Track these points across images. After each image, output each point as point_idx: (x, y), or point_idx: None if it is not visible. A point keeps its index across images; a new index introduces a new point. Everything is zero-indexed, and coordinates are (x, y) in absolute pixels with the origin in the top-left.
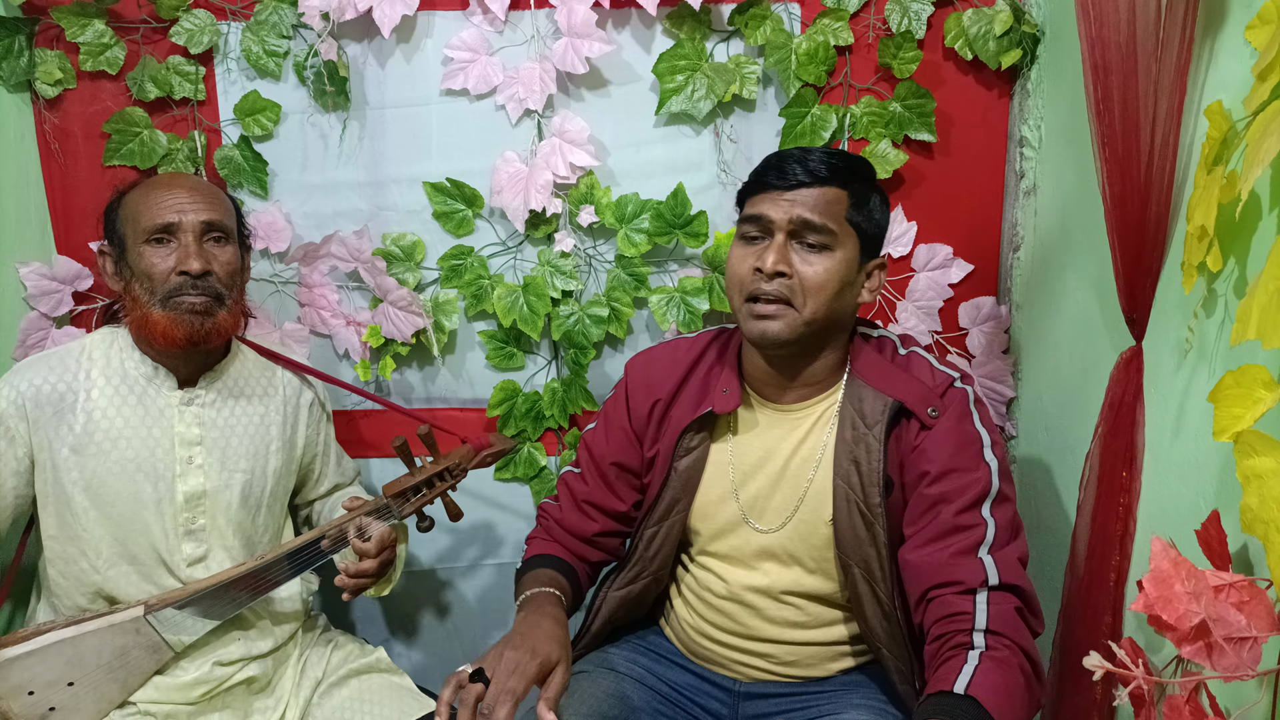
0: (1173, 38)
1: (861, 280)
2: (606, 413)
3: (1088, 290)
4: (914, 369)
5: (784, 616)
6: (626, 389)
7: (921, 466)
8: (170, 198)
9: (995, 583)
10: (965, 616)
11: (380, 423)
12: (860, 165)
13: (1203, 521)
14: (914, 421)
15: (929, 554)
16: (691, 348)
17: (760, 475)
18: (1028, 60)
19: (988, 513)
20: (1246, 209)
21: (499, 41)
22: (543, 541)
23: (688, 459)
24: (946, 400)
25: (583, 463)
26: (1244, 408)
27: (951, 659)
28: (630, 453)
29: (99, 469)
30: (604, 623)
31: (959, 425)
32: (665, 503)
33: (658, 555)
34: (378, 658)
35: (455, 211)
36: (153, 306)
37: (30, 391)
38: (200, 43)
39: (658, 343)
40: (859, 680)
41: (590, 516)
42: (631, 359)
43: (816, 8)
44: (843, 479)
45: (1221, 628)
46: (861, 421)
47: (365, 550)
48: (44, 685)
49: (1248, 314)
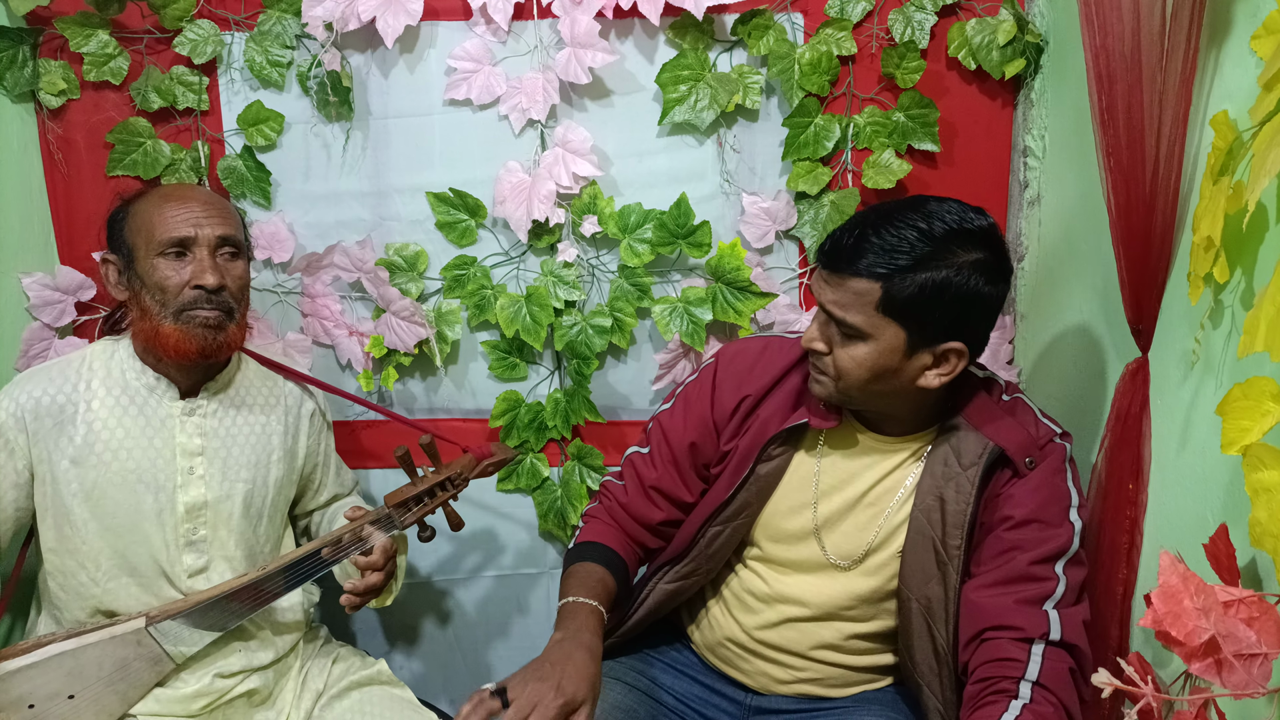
0: (1178, 47)
1: (920, 365)
2: (687, 396)
3: (1093, 301)
4: (1019, 416)
5: (820, 637)
6: (715, 377)
7: (1006, 511)
8: (185, 211)
9: (1056, 638)
10: (1016, 664)
11: (383, 433)
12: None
13: (1210, 535)
14: (1008, 469)
15: (994, 595)
16: (791, 350)
17: (838, 497)
18: (1031, 70)
19: (1061, 570)
20: (1253, 220)
21: (502, 52)
22: (602, 525)
23: (770, 465)
24: (1045, 452)
25: (653, 443)
26: (1252, 420)
27: (992, 704)
28: (707, 441)
29: (99, 480)
30: (648, 612)
31: (1052, 479)
32: (738, 504)
33: (717, 554)
34: (379, 669)
35: (458, 221)
36: (164, 319)
37: (30, 403)
38: (204, 53)
39: (753, 335)
40: (871, 697)
41: (656, 504)
42: (725, 347)
43: (820, 17)
44: (924, 514)
45: (1231, 644)
46: (956, 460)
47: (371, 564)
48: (44, 698)
49: (1255, 326)
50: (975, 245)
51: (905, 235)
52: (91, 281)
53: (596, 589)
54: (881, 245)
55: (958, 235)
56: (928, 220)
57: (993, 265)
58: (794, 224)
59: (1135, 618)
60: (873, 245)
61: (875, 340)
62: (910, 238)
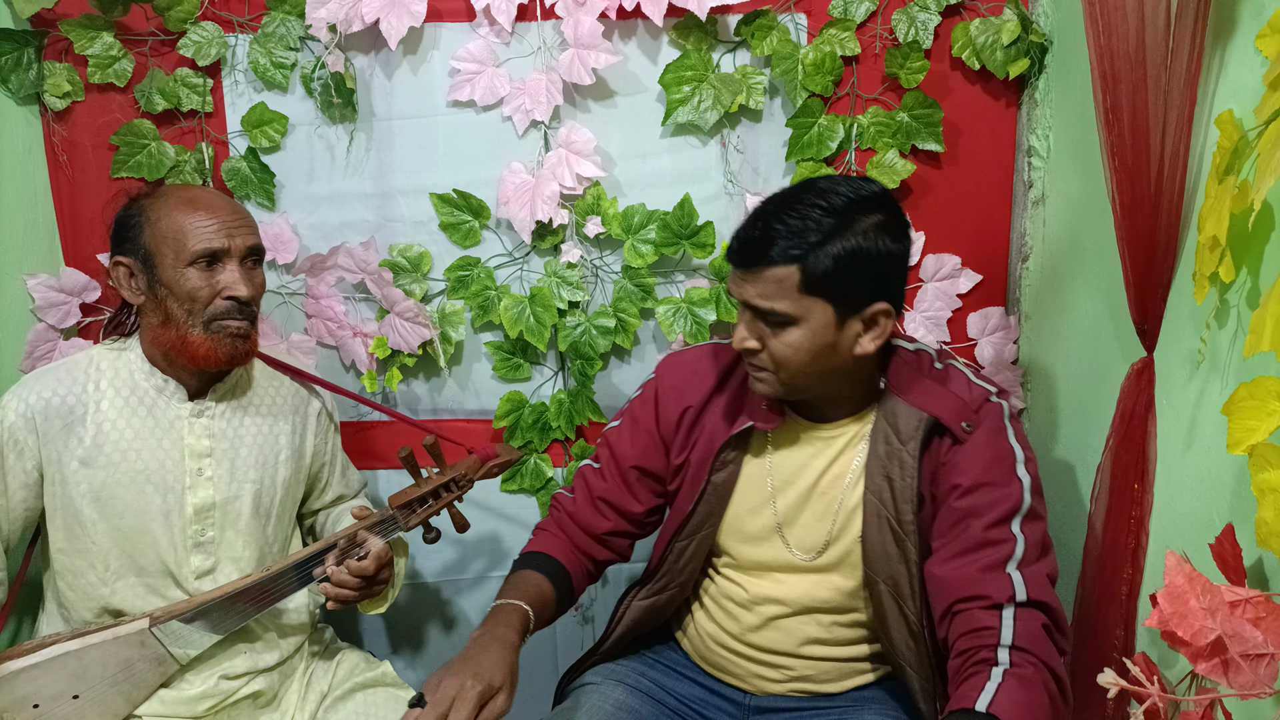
0: (1182, 46)
1: (853, 334)
2: (633, 412)
3: (1098, 301)
4: (951, 383)
5: (805, 633)
6: (657, 392)
7: (953, 479)
8: (216, 220)
9: (1023, 599)
10: (990, 632)
11: (387, 434)
12: (831, 224)
13: (1216, 535)
14: (948, 436)
15: (956, 568)
16: (727, 355)
17: (791, 492)
18: (1036, 70)
19: (1018, 528)
20: (1259, 219)
21: (505, 53)
22: (549, 536)
23: (723, 473)
24: (982, 414)
25: (603, 459)
26: (1258, 420)
27: (974, 675)
28: (655, 457)
29: (108, 481)
30: (626, 630)
31: (993, 440)
32: (700, 515)
33: (687, 567)
34: (383, 671)
35: (462, 222)
36: (193, 328)
37: (39, 404)
38: (208, 55)
39: (690, 346)
40: (873, 696)
41: (604, 514)
42: (664, 360)
43: (823, 18)
44: (875, 495)
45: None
46: (896, 437)
47: (363, 570)
48: (49, 698)
49: (1261, 325)
50: (874, 209)
51: (808, 215)
52: (96, 283)
53: (530, 592)
54: (789, 229)
55: (856, 204)
56: (824, 197)
57: (894, 224)
58: None
59: (1141, 618)
60: (780, 231)
61: (806, 321)
62: (814, 216)
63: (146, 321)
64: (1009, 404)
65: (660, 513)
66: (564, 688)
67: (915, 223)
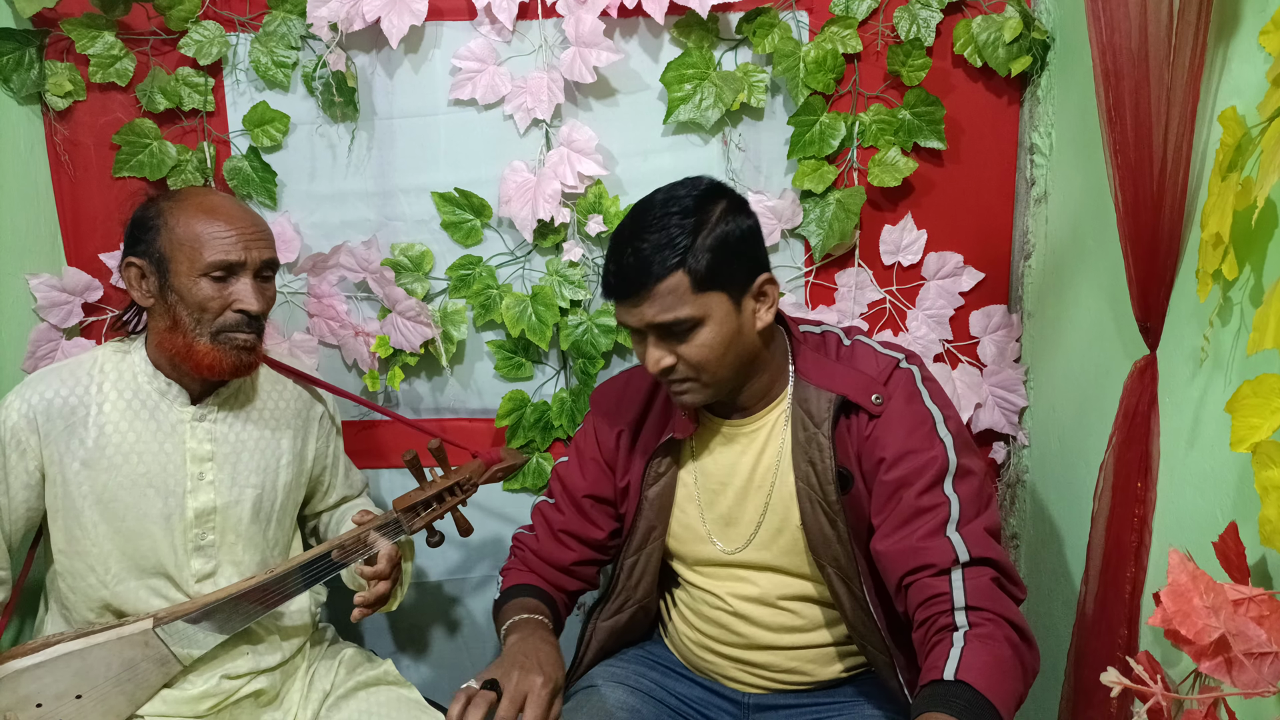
0: (1185, 43)
1: (750, 312)
2: (577, 445)
3: (1100, 298)
4: (857, 359)
5: (780, 622)
6: (593, 421)
7: (877, 454)
8: (234, 232)
9: (967, 559)
10: (944, 598)
11: (389, 434)
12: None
13: (1220, 533)
14: (862, 412)
15: (897, 541)
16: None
17: (728, 492)
18: (1038, 67)
19: (950, 490)
20: (1262, 216)
21: (507, 51)
22: (519, 572)
23: (657, 486)
24: (892, 384)
25: (556, 494)
26: (1262, 418)
27: (938, 644)
28: (604, 483)
29: (110, 483)
30: (596, 653)
31: (908, 407)
32: (641, 531)
33: (640, 583)
34: (385, 670)
35: (463, 221)
36: (199, 337)
37: (41, 405)
38: (209, 54)
39: (618, 373)
40: (871, 690)
41: (568, 546)
42: (595, 390)
43: (825, 15)
44: (803, 480)
45: (1241, 643)
46: (810, 421)
47: (378, 573)
48: (52, 697)
49: (1265, 322)
50: (716, 197)
51: (667, 224)
52: (98, 283)
53: (534, 609)
54: (657, 243)
55: (701, 199)
56: (672, 204)
57: (738, 203)
58: (800, 222)
59: (1144, 616)
60: (649, 249)
61: (710, 317)
62: (673, 223)
63: (154, 325)
64: (919, 368)
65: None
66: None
67: (917, 220)
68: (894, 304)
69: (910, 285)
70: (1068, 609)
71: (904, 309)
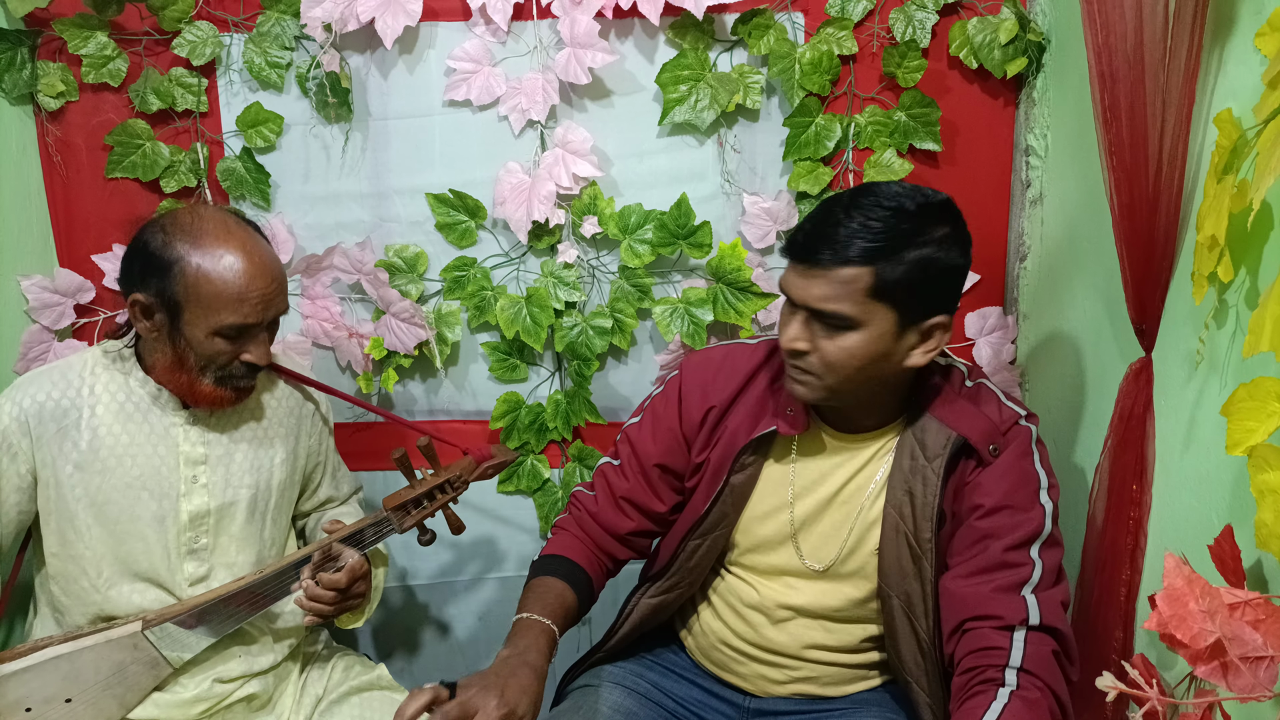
0: (1181, 45)
1: (908, 345)
2: (655, 410)
3: (1096, 300)
4: (982, 404)
5: (811, 638)
6: (680, 390)
7: (975, 499)
8: (254, 293)
9: (1036, 623)
10: (1000, 652)
11: (384, 435)
12: (907, 229)
13: (1215, 537)
14: (974, 457)
15: (971, 585)
16: (752, 356)
17: (810, 499)
18: (1033, 69)
19: (1036, 553)
20: (1258, 219)
21: (501, 52)
22: (570, 537)
23: (743, 474)
24: (1009, 437)
25: (623, 457)
26: (1258, 421)
27: (980, 694)
28: (677, 455)
29: (104, 486)
30: (632, 628)
31: (1019, 463)
32: (715, 516)
33: (699, 566)
34: (379, 674)
35: (458, 223)
36: (203, 378)
37: (33, 407)
38: (202, 54)
39: (715, 344)
40: (871, 699)
41: (627, 514)
42: (688, 358)
43: (820, 17)
44: (895, 509)
45: (1237, 646)
46: (921, 453)
47: (335, 582)
48: (41, 701)
49: (1260, 325)
50: (943, 219)
51: (883, 218)
52: (90, 284)
53: (554, 605)
54: (866, 230)
55: (927, 211)
56: (896, 200)
57: (961, 237)
58: (795, 224)
59: (1139, 620)
60: (857, 231)
61: (867, 327)
62: (889, 220)
63: (155, 354)
64: (1036, 428)
65: (681, 510)
66: (563, 689)
67: None
68: None
69: None
70: None
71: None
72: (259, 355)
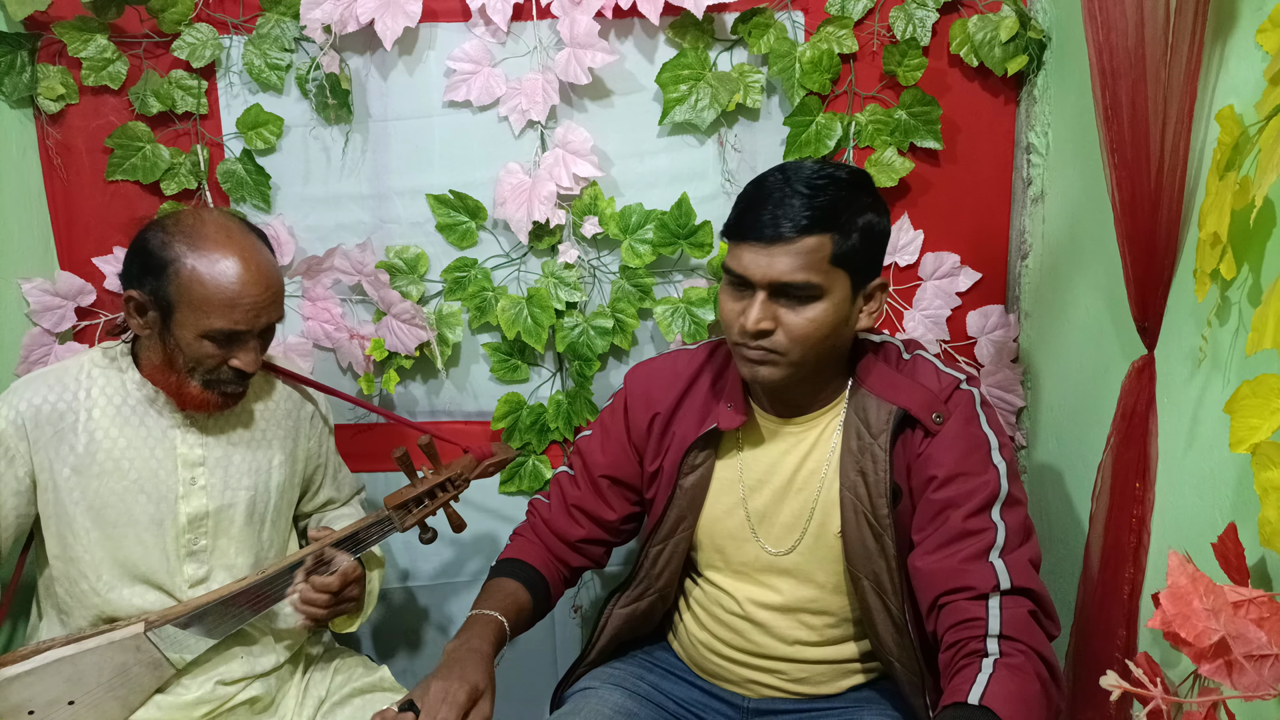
0: (1182, 42)
1: (858, 309)
2: (604, 422)
3: (1098, 298)
4: (919, 374)
5: (795, 635)
6: (625, 401)
7: (928, 471)
8: (247, 300)
9: (1007, 587)
10: (978, 623)
11: (385, 436)
12: (847, 197)
13: (1219, 534)
14: (920, 428)
15: (938, 560)
16: (692, 360)
17: (766, 490)
18: (1034, 66)
19: (997, 516)
20: (1260, 215)
21: (501, 53)
22: (526, 542)
23: (693, 476)
24: (952, 404)
25: (576, 468)
26: (1261, 418)
27: (965, 668)
28: (626, 466)
29: (101, 489)
30: (610, 639)
31: (966, 428)
32: (671, 520)
33: (663, 573)
34: (381, 676)
35: (458, 224)
36: (191, 380)
37: (30, 411)
38: (202, 57)
39: (658, 354)
40: (870, 697)
41: (578, 522)
42: (631, 370)
43: (820, 15)
44: (850, 490)
45: (1241, 645)
46: (867, 431)
47: (327, 585)
48: (44, 704)
49: (1263, 322)
50: (869, 188)
51: (826, 189)
52: (91, 287)
53: (505, 602)
54: (819, 201)
55: (856, 180)
56: (826, 174)
57: (882, 203)
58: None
59: (1143, 618)
60: (810, 201)
61: (830, 295)
62: (832, 190)
63: (147, 353)
64: (979, 390)
65: (637, 520)
66: (560, 693)
67: (914, 221)
68: (891, 304)
69: (907, 285)
70: (1067, 609)
71: (901, 309)
72: (247, 362)
